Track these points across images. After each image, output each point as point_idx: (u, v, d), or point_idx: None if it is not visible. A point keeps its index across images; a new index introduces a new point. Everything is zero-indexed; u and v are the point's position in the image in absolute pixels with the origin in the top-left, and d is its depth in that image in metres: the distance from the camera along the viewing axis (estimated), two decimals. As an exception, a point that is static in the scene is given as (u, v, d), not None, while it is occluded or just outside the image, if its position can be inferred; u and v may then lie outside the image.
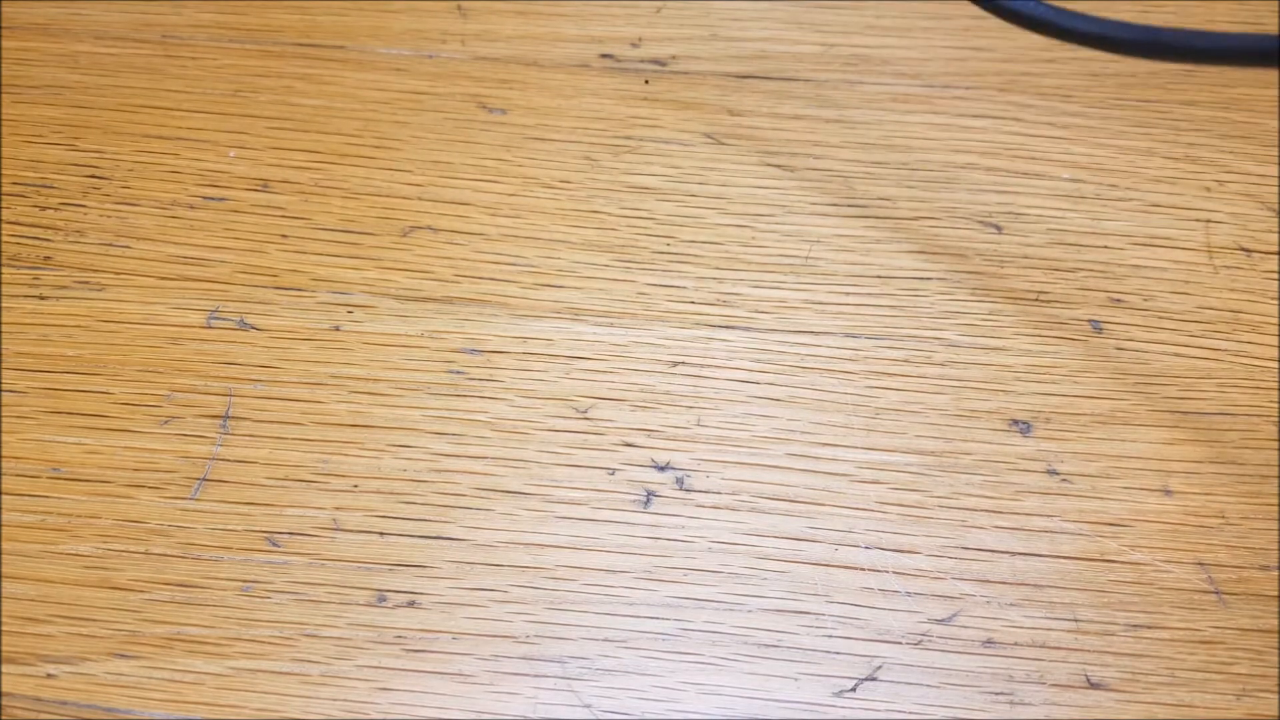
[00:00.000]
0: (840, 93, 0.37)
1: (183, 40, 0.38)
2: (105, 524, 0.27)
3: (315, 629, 0.25)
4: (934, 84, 0.38)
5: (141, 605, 0.26)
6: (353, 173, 0.35)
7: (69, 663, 0.25)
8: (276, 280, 0.32)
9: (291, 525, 0.27)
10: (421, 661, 0.25)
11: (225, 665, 0.25)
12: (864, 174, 0.35)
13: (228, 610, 0.26)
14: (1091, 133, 0.36)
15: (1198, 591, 0.27)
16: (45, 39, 0.38)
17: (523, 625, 0.26)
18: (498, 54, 0.38)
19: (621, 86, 0.37)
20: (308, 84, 0.37)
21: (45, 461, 0.28)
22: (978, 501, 0.28)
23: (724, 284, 0.32)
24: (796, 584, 0.26)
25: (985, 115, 0.37)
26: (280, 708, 0.24)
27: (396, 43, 0.38)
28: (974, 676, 0.25)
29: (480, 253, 0.33)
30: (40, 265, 0.32)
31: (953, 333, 0.31)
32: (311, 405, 0.29)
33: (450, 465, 0.28)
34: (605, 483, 0.28)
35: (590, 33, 0.39)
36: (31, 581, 0.26)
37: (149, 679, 0.25)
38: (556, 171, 0.35)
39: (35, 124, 0.35)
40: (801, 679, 0.25)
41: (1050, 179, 0.35)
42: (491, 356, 0.30)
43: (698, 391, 0.30)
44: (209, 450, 0.28)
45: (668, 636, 0.26)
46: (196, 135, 0.35)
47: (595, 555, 0.27)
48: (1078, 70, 0.38)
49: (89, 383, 0.29)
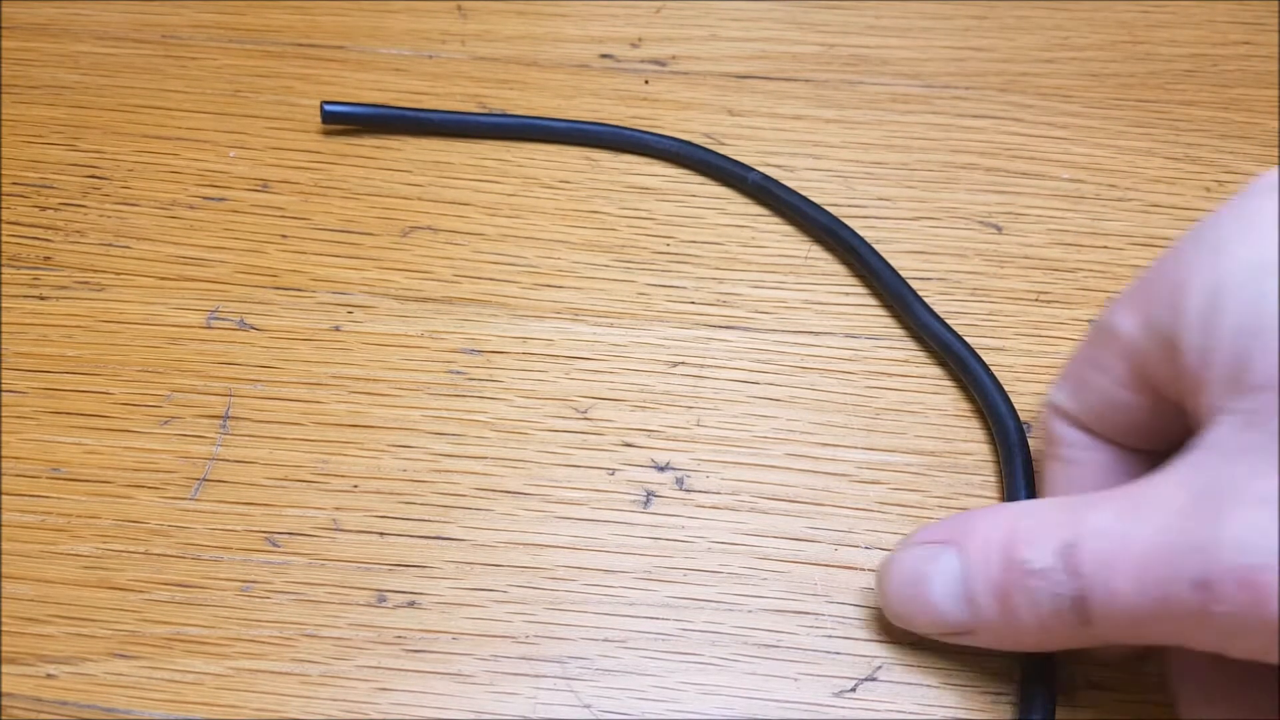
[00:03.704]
0: (840, 93, 0.37)
1: (183, 40, 0.38)
2: (105, 524, 0.27)
3: (315, 629, 0.25)
4: (934, 84, 0.38)
5: (141, 605, 0.26)
6: (353, 173, 0.35)
7: (69, 663, 0.25)
8: (276, 280, 0.32)
9: (291, 525, 0.27)
10: (421, 661, 0.25)
11: (225, 665, 0.25)
12: (864, 174, 0.35)
13: (228, 610, 0.26)
14: (1091, 133, 0.36)
15: (1198, 591, 0.27)
16: (45, 39, 0.38)
17: (522, 625, 0.26)
18: (498, 54, 0.38)
19: (621, 86, 0.37)
20: (308, 84, 0.37)
21: (45, 461, 0.28)
22: (978, 501, 0.28)
23: (724, 284, 0.32)
24: (796, 584, 0.26)
25: (985, 115, 0.37)
26: (280, 708, 0.24)
27: (396, 43, 0.38)
28: (974, 676, 0.25)
29: (480, 253, 0.33)
30: (40, 265, 0.32)
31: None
32: (311, 405, 0.29)
33: (450, 465, 0.28)
34: (605, 483, 0.28)
35: (590, 33, 0.39)
36: (31, 581, 0.26)
37: (149, 679, 0.25)
38: (556, 171, 0.35)
39: (35, 124, 0.35)
40: (801, 679, 0.25)
41: (1050, 179, 0.35)
42: (491, 356, 0.30)
43: (697, 391, 0.30)
44: (209, 450, 0.28)
45: (668, 636, 0.26)
46: (196, 135, 0.35)
47: (595, 555, 0.27)
48: (1078, 70, 0.38)
49: (89, 383, 0.29)
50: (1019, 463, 0.27)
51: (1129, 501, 0.20)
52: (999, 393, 0.29)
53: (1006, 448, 0.28)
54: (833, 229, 0.32)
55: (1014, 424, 0.28)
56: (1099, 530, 0.20)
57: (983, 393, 0.29)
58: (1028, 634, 0.22)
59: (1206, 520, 0.19)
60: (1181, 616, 0.19)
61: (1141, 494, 0.20)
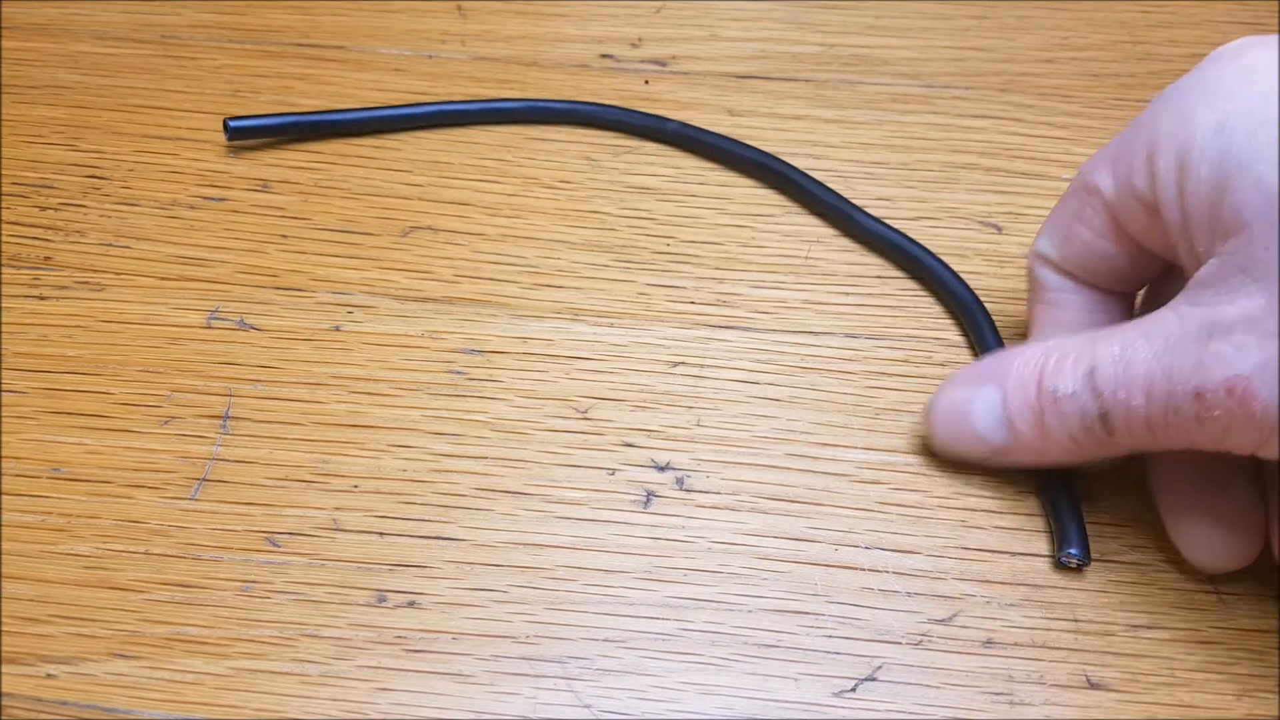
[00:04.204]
0: (840, 93, 0.37)
1: (183, 40, 0.38)
2: (105, 524, 0.27)
3: (315, 629, 0.25)
4: (934, 84, 0.38)
5: (141, 605, 0.26)
6: (353, 173, 0.35)
7: (69, 663, 0.25)
8: (276, 280, 0.32)
9: (291, 525, 0.27)
10: (421, 661, 0.25)
11: (225, 665, 0.25)
12: (864, 174, 0.35)
13: (228, 610, 0.26)
14: (1091, 133, 0.36)
15: (1198, 591, 0.27)
16: (45, 39, 0.38)
17: (522, 625, 0.26)
18: (498, 54, 0.38)
19: (621, 86, 0.37)
20: (308, 84, 0.37)
21: (45, 461, 0.28)
22: (978, 501, 0.28)
23: (724, 284, 0.32)
24: (796, 584, 0.26)
25: (985, 115, 0.37)
26: (280, 708, 0.24)
27: (396, 43, 0.38)
28: (974, 676, 0.25)
29: (480, 253, 0.33)
30: (40, 265, 0.32)
31: (953, 333, 0.31)
32: (311, 405, 0.29)
33: (450, 465, 0.28)
34: (605, 483, 0.28)
35: (590, 33, 0.39)
36: (31, 581, 0.26)
37: (149, 679, 0.25)
38: (556, 171, 0.35)
39: (35, 124, 0.35)
40: (801, 679, 0.25)
41: (1050, 179, 0.35)
42: (491, 356, 0.30)
43: (697, 391, 0.30)
44: (209, 450, 0.28)
45: (668, 636, 0.26)
46: (196, 135, 0.35)
47: (595, 555, 0.27)
48: (1078, 70, 0.38)
49: (89, 383, 0.29)
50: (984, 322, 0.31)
51: (1135, 332, 0.24)
52: (947, 270, 0.32)
53: (969, 314, 0.31)
54: (762, 162, 0.34)
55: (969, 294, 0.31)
56: (1113, 358, 0.24)
57: (932, 274, 0.32)
58: (1060, 449, 0.26)
59: (1199, 343, 0.23)
60: (1186, 422, 0.23)
61: (1146, 326, 0.24)
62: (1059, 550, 0.26)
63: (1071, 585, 0.27)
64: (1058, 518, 0.27)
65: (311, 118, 0.35)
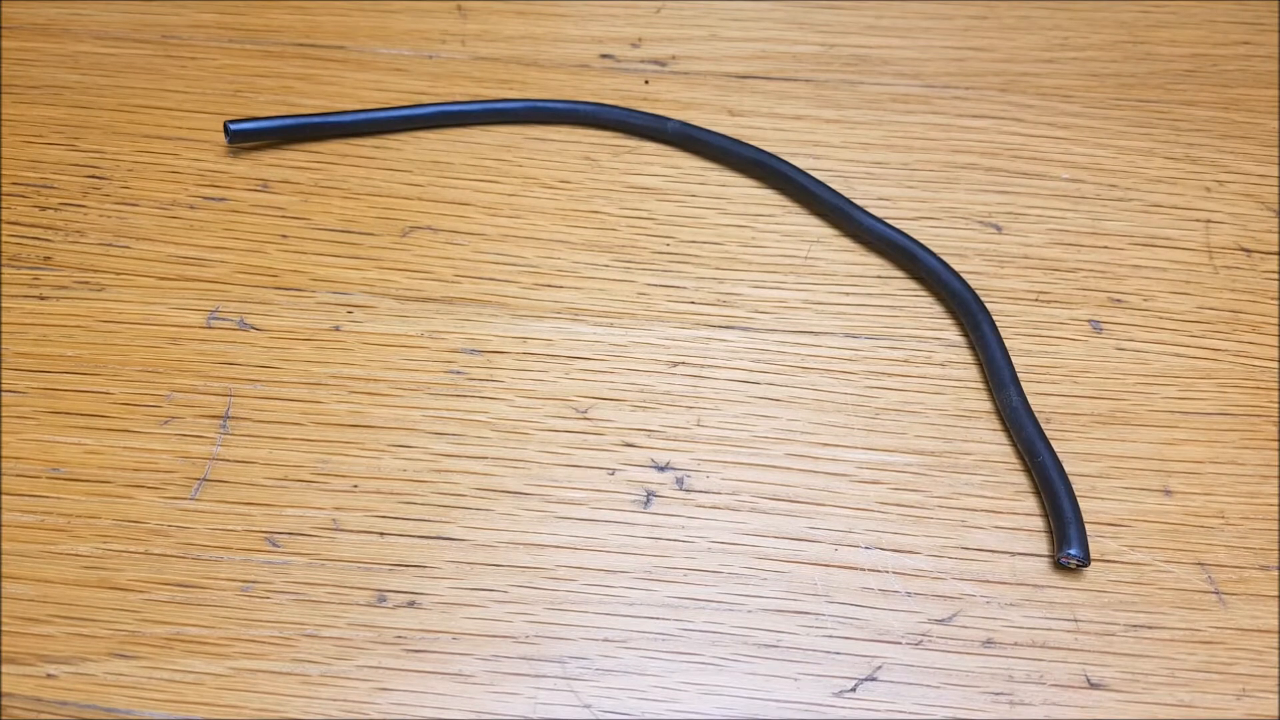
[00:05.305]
0: (840, 93, 0.37)
1: (183, 40, 0.38)
2: (105, 524, 0.27)
3: (315, 629, 0.25)
4: (934, 84, 0.38)
5: (141, 605, 0.26)
6: (353, 173, 0.35)
7: (69, 663, 0.25)
8: (276, 280, 0.32)
9: (291, 525, 0.27)
10: (421, 661, 0.25)
11: (225, 665, 0.25)
12: (864, 174, 0.35)
13: (228, 610, 0.26)
14: (1091, 133, 0.36)
15: (1198, 591, 0.27)
16: (45, 39, 0.38)
17: (523, 625, 0.26)
18: (498, 54, 0.38)
19: (621, 86, 0.37)
20: (308, 84, 0.37)
21: (45, 461, 0.28)
22: (978, 501, 0.28)
23: (724, 284, 0.32)
24: (796, 584, 0.26)
25: (985, 115, 0.37)
26: (280, 708, 0.24)
27: (396, 43, 0.38)
28: (974, 676, 0.25)
29: (480, 253, 0.33)
30: (40, 265, 0.32)
31: (953, 333, 0.31)
32: (311, 405, 0.29)
33: (450, 465, 0.28)
34: (605, 483, 0.28)
35: (590, 33, 0.39)
36: (31, 581, 0.26)
37: (149, 679, 0.25)
38: (556, 171, 0.35)
39: (35, 124, 0.35)
40: (801, 679, 0.25)
41: (1050, 179, 0.35)
42: (491, 356, 0.30)
43: (698, 391, 0.30)
44: (209, 450, 0.28)
45: (668, 636, 0.26)
46: (196, 135, 0.35)
47: (595, 555, 0.27)
48: (1078, 70, 0.38)
49: (89, 383, 0.29)
50: (984, 322, 0.30)
51: None
52: (948, 270, 0.32)
53: (969, 314, 0.31)
54: (762, 162, 0.34)
55: (969, 294, 0.31)
56: None
57: (933, 274, 0.32)
58: None
59: None
60: None
61: None
62: (1059, 550, 0.26)
63: (1071, 585, 0.27)
64: (1058, 518, 0.27)
65: (311, 119, 0.35)
